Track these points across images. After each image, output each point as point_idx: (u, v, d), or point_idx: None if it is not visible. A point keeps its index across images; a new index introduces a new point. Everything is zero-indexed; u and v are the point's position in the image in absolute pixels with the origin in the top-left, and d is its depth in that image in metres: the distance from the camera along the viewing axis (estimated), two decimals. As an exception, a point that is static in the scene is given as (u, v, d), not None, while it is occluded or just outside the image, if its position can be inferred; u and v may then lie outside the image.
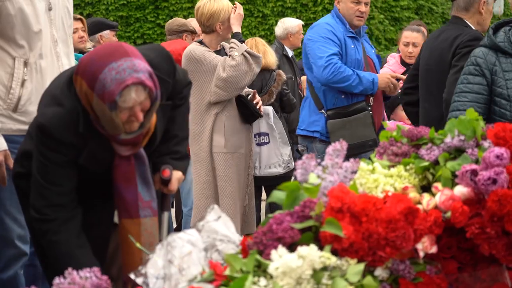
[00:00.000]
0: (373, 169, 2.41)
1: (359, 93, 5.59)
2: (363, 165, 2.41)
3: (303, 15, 17.30)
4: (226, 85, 5.40)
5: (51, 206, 3.15)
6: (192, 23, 7.37)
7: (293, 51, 8.74)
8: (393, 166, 2.46)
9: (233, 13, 5.54)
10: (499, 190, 2.28)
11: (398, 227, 2.19)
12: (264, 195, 7.25)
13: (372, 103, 5.67)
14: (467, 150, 2.42)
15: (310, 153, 5.65)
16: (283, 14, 18.67)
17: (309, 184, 2.31)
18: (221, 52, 5.61)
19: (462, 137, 2.44)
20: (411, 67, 5.51)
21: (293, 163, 6.44)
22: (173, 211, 7.38)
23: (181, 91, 3.44)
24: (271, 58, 6.36)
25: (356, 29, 5.73)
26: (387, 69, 6.77)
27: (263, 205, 7.64)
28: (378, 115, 5.74)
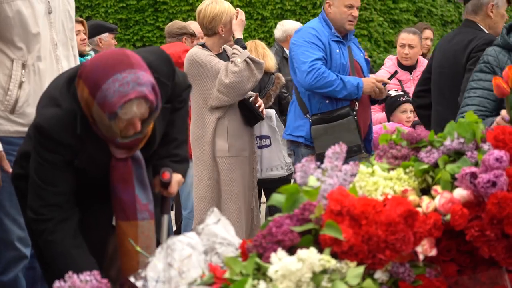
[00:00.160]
0: (373, 172, 2.41)
1: (343, 98, 5.54)
2: (363, 168, 2.41)
3: (302, 18, 17.31)
4: (228, 91, 5.40)
5: (48, 206, 3.15)
6: (191, 26, 7.37)
7: (292, 53, 8.72)
8: (393, 169, 2.47)
9: (235, 19, 5.53)
10: (498, 192, 2.28)
11: (397, 230, 2.19)
12: (263, 198, 7.25)
13: (357, 108, 5.62)
14: (467, 152, 2.42)
15: (296, 157, 5.67)
16: (282, 16, 18.69)
17: (308, 187, 2.31)
18: (223, 55, 5.61)
19: (461, 140, 2.44)
20: (424, 69, 5.46)
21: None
22: (172, 214, 7.38)
23: (180, 94, 3.44)
24: (270, 61, 6.36)
25: (343, 33, 5.69)
26: (384, 71, 6.77)
27: (263, 208, 7.63)
28: (364, 119, 5.69)
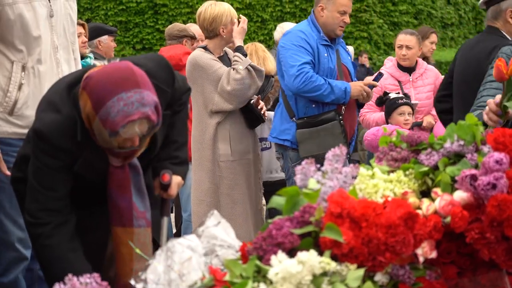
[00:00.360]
0: (373, 174, 2.41)
1: (330, 102, 5.53)
2: (363, 170, 2.41)
3: (302, 20, 17.34)
4: (231, 98, 5.40)
5: (45, 210, 3.15)
6: (191, 28, 7.36)
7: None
8: (393, 171, 2.46)
9: (237, 25, 5.51)
10: (498, 195, 2.28)
11: (397, 232, 2.19)
12: (263, 200, 7.24)
13: (344, 112, 5.61)
14: (467, 155, 2.42)
15: (285, 161, 5.67)
16: (282, 19, 18.71)
17: (308, 189, 2.31)
18: (224, 57, 5.61)
19: (461, 142, 2.44)
20: (446, 75, 5.40)
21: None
22: (172, 216, 7.37)
23: (180, 98, 3.44)
24: (270, 64, 6.36)
25: (331, 38, 5.67)
26: (384, 71, 6.78)
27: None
28: (350, 124, 5.69)
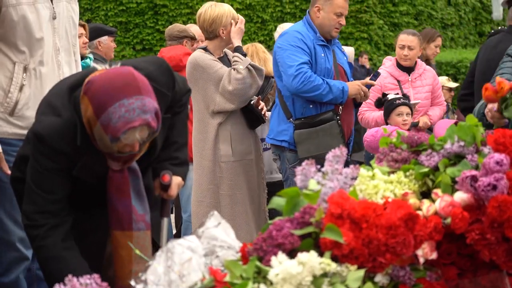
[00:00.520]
0: (373, 175, 2.41)
1: (328, 102, 5.51)
2: (363, 171, 2.41)
3: (302, 21, 17.26)
4: (232, 98, 5.40)
5: (41, 212, 3.14)
6: (191, 29, 7.35)
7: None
8: (393, 172, 2.47)
9: (234, 25, 5.51)
10: (499, 196, 2.28)
11: (398, 233, 2.19)
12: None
13: (341, 112, 5.59)
14: (467, 156, 2.42)
15: (282, 162, 5.66)
16: (282, 19, 18.70)
17: (309, 190, 2.31)
18: (224, 58, 5.60)
19: (462, 143, 2.44)
20: (468, 73, 5.37)
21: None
22: (172, 217, 7.37)
23: (180, 99, 3.44)
24: (271, 65, 6.35)
25: (327, 38, 5.66)
26: (383, 71, 6.77)
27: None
28: (347, 124, 5.67)
